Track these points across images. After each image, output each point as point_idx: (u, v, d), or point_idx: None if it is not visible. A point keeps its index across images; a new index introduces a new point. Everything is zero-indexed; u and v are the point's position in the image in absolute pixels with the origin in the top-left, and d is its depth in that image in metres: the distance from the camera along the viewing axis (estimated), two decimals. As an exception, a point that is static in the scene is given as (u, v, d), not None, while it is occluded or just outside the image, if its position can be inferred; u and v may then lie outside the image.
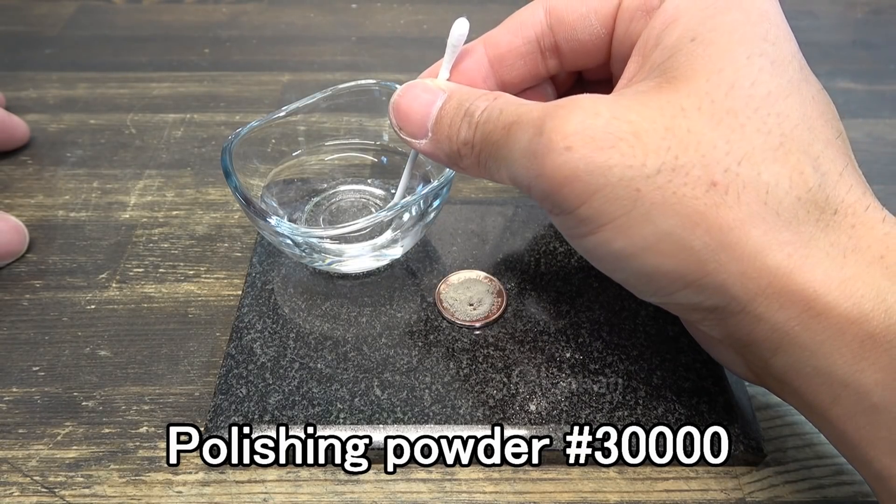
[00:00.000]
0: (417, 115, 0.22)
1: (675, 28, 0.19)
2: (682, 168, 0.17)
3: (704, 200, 0.17)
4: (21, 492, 0.23)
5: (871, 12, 0.51)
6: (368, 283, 0.28)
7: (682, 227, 0.17)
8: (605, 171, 0.17)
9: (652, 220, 0.17)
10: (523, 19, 0.23)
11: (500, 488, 0.23)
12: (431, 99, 0.22)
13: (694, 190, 0.17)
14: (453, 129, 0.21)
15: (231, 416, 0.23)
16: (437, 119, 0.21)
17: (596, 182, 0.17)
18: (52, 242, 0.31)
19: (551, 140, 0.18)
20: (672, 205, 0.17)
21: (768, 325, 0.18)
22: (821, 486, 0.23)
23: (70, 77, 0.42)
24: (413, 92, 0.22)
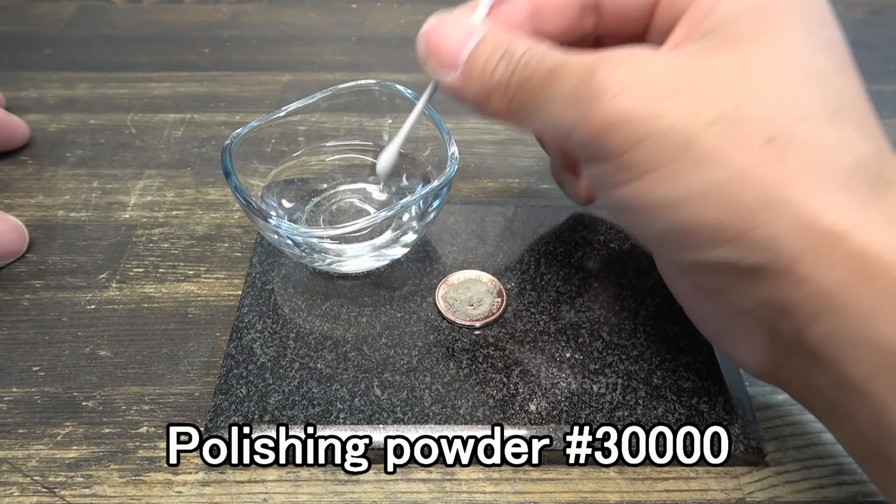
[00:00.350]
0: (450, 46, 0.21)
1: None
2: (740, 120, 0.17)
3: (760, 154, 0.17)
4: (21, 492, 0.23)
5: (871, 12, 0.51)
6: (368, 283, 0.28)
7: (734, 178, 0.17)
8: (658, 117, 0.17)
9: (702, 170, 0.17)
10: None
11: (500, 488, 0.23)
12: (466, 34, 0.21)
13: (750, 143, 0.17)
14: (488, 67, 0.20)
15: (231, 416, 0.23)
16: (471, 54, 0.21)
17: (646, 128, 0.17)
18: (52, 242, 0.31)
19: (602, 84, 0.17)
20: (725, 156, 0.17)
21: (813, 287, 0.17)
22: (821, 486, 0.23)
23: (70, 77, 0.42)
24: (447, 23, 0.21)
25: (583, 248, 0.30)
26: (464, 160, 0.36)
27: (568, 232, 0.30)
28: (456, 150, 0.26)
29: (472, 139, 0.38)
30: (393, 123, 0.32)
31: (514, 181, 0.35)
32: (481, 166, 0.36)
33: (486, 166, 0.36)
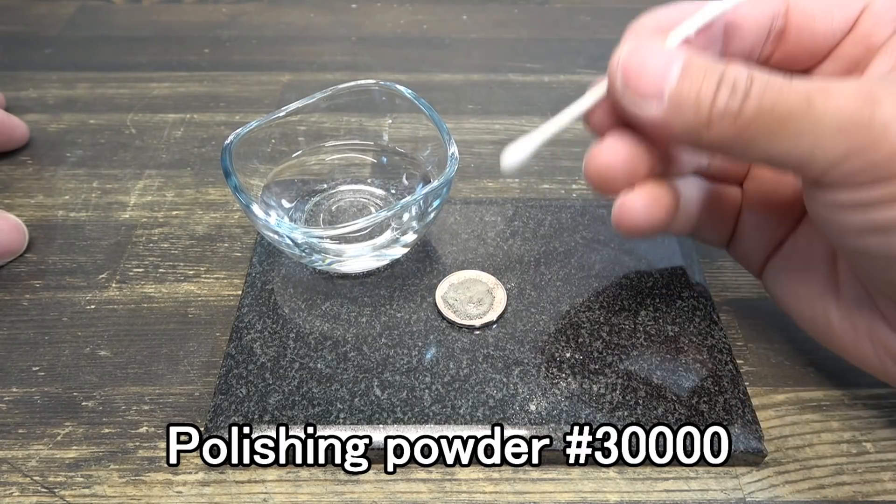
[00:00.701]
0: (653, 74, 0.20)
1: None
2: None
3: None
4: (21, 492, 0.23)
5: None
6: (368, 283, 0.28)
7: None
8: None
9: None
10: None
11: (500, 488, 0.23)
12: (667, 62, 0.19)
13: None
14: (705, 95, 0.19)
15: (231, 416, 0.23)
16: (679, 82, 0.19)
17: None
18: (51, 242, 0.31)
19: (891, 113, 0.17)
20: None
21: None
22: (821, 486, 0.23)
23: (70, 77, 0.42)
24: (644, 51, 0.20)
25: (583, 248, 0.30)
26: (464, 160, 0.36)
27: (568, 232, 0.30)
28: (456, 150, 0.26)
29: (472, 139, 0.38)
30: (393, 123, 0.32)
31: (514, 181, 0.35)
32: (481, 166, 0.36)
33: (486, 166, 0.36)
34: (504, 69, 0.43)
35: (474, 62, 0.44)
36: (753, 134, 0.19)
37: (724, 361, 0.25)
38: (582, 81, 0.42)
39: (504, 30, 0.47)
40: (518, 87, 0.42)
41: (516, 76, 0.43)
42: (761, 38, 0.22)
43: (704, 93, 0.19)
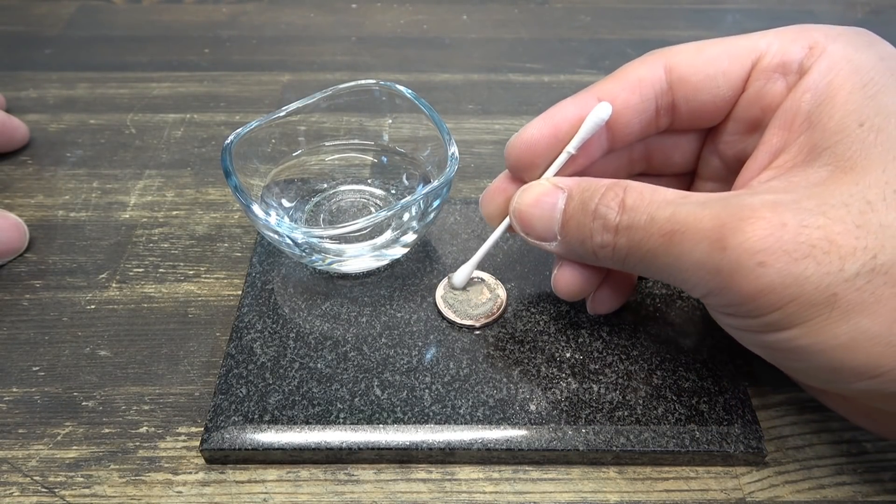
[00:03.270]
0: (540, 220, 0.22)
1: (833, 108, 0.18)
2: (881, 268, 0.17)
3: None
4: (21, 492, 0.23)
5: (871, 12, 0.51)
6: (368, 283, 0.28)
7: (880, 325, 0.17)
8: (802, 281, 0.17)
9: (847, 321, 0.17)
10: (641, 75, 0.22)
11: (500, 488, 0.23)
12: (552, 201, 0.21)
13: (893, 288, 0.17)
14: (584, 232, 0.21)
15: (231, 416, 0.23)
16: (562, 222, 0.21)
17: (791, 292, 0.17)
18: (52, 242, 0.31)
19: (740, 257, 0.17)
20: (870, 305, 0.17)
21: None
22: (821, 487, 0.23)
23: (70, 77, 0.42)
24: (531, 196, 0.22)
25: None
26: (464, 160, 0.36)
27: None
28: (456, 150, 0.26)
29: (472, 139, 0.38)
30: (393, 123, 0.32)
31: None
32: (481, 166, 0.36)
33: (486, 166, 0.36)
34: (504, 69, 0.43)
35: (474, 62, 0.44)
36: (633, 263, 0.20)
37: (724, 361, 0.25)
38: (582, 81, 0.42)
39: (504, 30, 0.47)
40: (518, 87, 0.42)
41: (516, 76, 0.43)
42: (649, 118, 0.22)
43: (585, 233, 0.21)
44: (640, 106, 0.22)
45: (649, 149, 0.25)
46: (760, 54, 0.21)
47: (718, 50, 0.21)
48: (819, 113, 0.19)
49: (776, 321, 0.18)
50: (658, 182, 0.26)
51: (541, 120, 0.22)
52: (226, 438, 0.23)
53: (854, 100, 0.18)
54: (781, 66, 0.20)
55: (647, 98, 0.22)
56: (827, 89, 0.19)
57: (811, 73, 0.19)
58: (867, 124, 0.18)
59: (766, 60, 0.21)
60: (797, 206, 0.17)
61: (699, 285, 0.19)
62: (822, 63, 0.19)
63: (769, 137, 0.20)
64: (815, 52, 0.20)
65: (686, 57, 0.21)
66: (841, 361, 0.18)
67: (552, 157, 0.22)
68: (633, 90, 0.22)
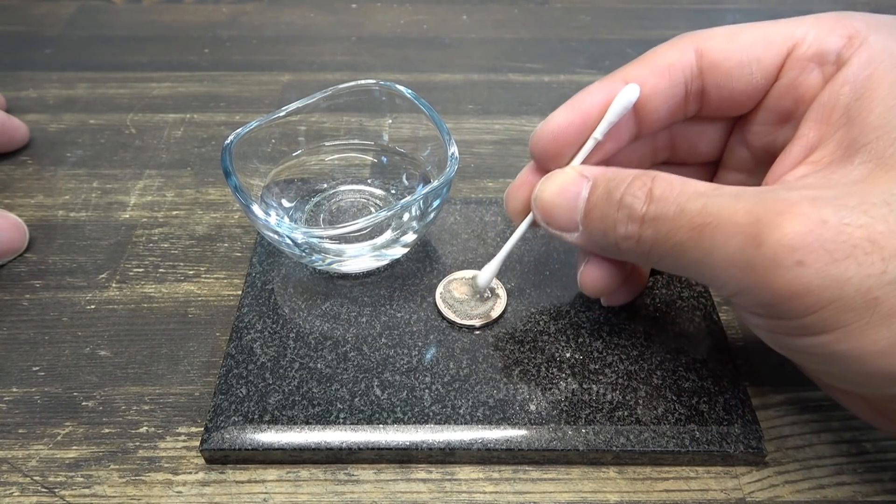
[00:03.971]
0: (563, 210, 0.21)
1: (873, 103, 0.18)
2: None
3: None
4: (21, 492, 0.23)
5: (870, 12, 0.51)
6: (368, 283, 0.28)
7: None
8: (842, 283, 0.16)
9: (890, 326, 0.16)
10: (671, 60, 0.21)
11: (500, 488, 0.23)
12: (576, 190, 0.20)
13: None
14: (607, 223, 0.20)
15: (231, 416, 0.23)
16: (585, 212, 0.20)
17: (831, 295, 0.16)
18: (52, 242, 0.31)
19: (777, 254, 0.16)
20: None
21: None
22: (821, 487, 0.23)
23: (70, 77, 0.42)
24: (555, 184, 0.21)
25: (583, 248, 0.30)
26: (464, 160, 0.36)
27: (568, 232, 0.30)
28: (456, 150, 0.26)
29: (472, 139, 0.38)
30: (393, 123, 0.32)
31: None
32: (481, 166, 0.36)
33: (486, 166, 0.36)
34: (504, 69, 0.43)
35: (474, 62, 0.44)
36: (658, 256, 0.19)
37: (724, 361, 0.25)
38: (582, 81, 0.42)
39: (504, 30, 0.47)
40: (518, 87, 0.42)
41: (516, 76, 0.43)
42: (678, 104, 0.22)
43: (609, 223, 0.20)
44: (669, 91, 0.21)
45: (674, 136, 0.24)
46: (796, 42, 0.20)
47: (753, 36, 0.21)
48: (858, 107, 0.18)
49: (812, 324, 0.17)
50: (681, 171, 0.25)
51: (567, 107, 0.22)
52: (226, 438, 0.23)
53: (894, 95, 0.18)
54: (818, 56, 0.19)
55: (677, 83, 0.21)
56: (867, 82, 0.18)
57: (850, 65, 0.19)
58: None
59: (802, 49, 0.20)
60: (838, 202, 0.16)
61: (729, 283, 0.18)
62: (862, 55, 0.19)
63: (805, 131, 0.19)
64: (854, 42, 0.19)
65: (718, 42, 0.21)
66: (878, 367, 0.17)
67: (579, 145, 0.22)
68: (663, 74, 0.21)
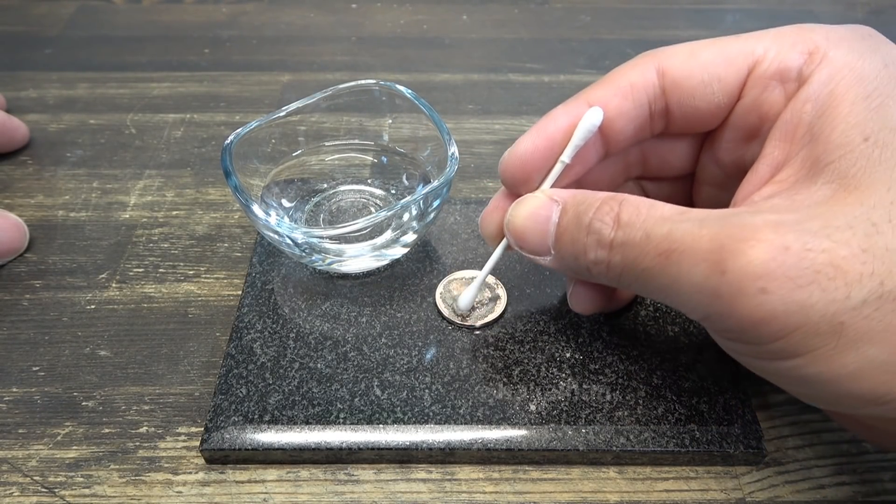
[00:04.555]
0: (534, 234, 0.21)
1: (835, 120, 0.18)
2: (889, 294, 0.16)
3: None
4: (21, 492, 0.23)
5: (871, 12, 0.51)
6: (368, 283, 0.28)
7: (890, 353, 0.16)
8: (807, 308, 0.16)
9: (855, 351, 0.16)
10: (633, 80, 0.21)
11: (500, 488, 0.23)
12: (546, 214, 0.21)
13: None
14: (578, 247, 0.20)
15: (231, 416, 0.23)
16: (556, 236, 0.20)
17: (796, 321, 0.16)
18: (52, 242, 0.31)
19: (741, 282, 0.16)
20: (879, 333, 0.16)
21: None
22: (821, 486, 0.23)
23: (70, 77, 0.42)
24: (525, 209, 0.21)
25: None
26: (464, 160, 0.36)
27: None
28: (456, 150, 0.26)
29: (472, 139, 0.38)
30: (393, 123, 0.32)
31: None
32: (481, 166, 0.36)
33: (486, 166, 0.36)
34: (504, 69, 0.43)
35: (474, 62, 0.44)
36: (628, 281, 0.19)
37: (724, 361, 0.25)
38: (582, 81, 0.42)
39: (504, 30, 0.47)
40: (518, 87, 0.42)
41: (516, 76, 0.43)
42: (643, 123, 0.22)
43: (579, 248, 0.20)
44: (633, 112, 0.21)
45: (645, 153, 0.24)
46: (757, 60, 0.20)
47: (713, 53, 0.21)
48: (821, 125, 0.18)
49: (780, 350, 0.17)
50: (657, 186, 0.26)
51: (533, 132, 0.22)
52: (226, 438, 0.23)
53: (857, 111, 0.18)
54: (779, 73, 0.20)
55: (641, 104, 0.21)
56: (828, 100, 0.18)
57: (811, 83, 0.19)
58: (872, 139, 0.17)
59: (763, 67, 0.20)
60: (800, 227, 0.17)
61: (698, 308, 0.18)
62: (823, 71, 0.19)
63: (770, 149, 0.20)
64: (815, 58, 0.19)
65: (679, 60, 0.21)
66: (848, 390, 0.17)
67: (547, 168, 0.22)
68: (626, 96, 0.21)
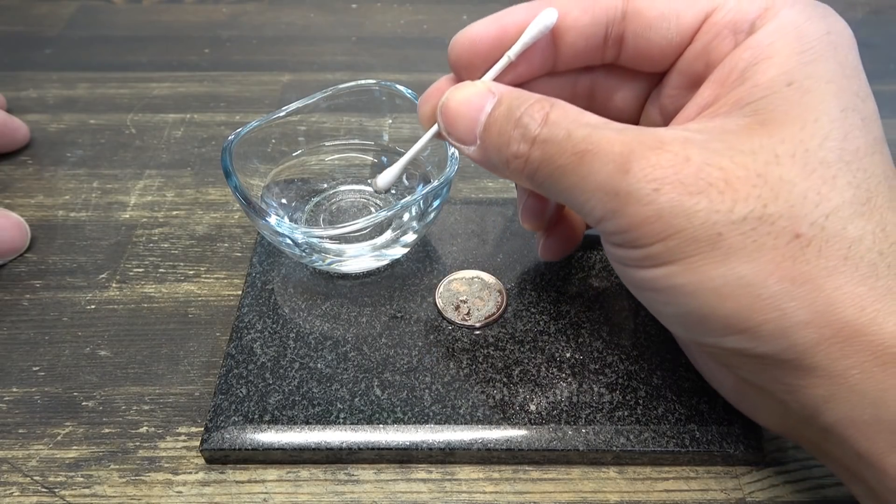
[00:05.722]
0: (465, 120, 0.21)
1: (768, 67, 0.18)
2: (769, 217, 0.17)
3: (784, 251, 0.17)
4: (21, 492, 0.23)
5: (871, 12, 0.51)
6: (368, 283, 0.28)
7: (756, 274, 0.17)
8: (691, 214, 0.17)
9: (725, 264, 0.17)
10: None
11: (500, 488, 0.23)
12: (481, 103, 0.21)
13: (776, 240, 0.17)
14: (503, 139, 0.20)
15: (231, 416, 0.23)
16: (485, 125, 0.21)
17: (678, 223, 0.17)
18: (52, 242, 0.31)
19: (639, 181, 0.17)
20: (751, 252, 0.17)
21: (824, 372, 0.18)
22: (821, 486, 0.23)
23: (70, 77, 0.42)
24: (462, 94, 0.21)
25: (583, 247, 0.30)
26: (464, 160, 0.36)
27: (568, 232, 0.30)
28: (456, 151, 0.26)
29: (472, 139, 0.38)
30: (393, 123, 0.32)
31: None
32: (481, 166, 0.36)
33: (486, 166, 0.36)
34: (504, 69, 0.43)
35: (474, 62, 0.44)
36: (541, 179, 0.20)
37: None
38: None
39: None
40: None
41: (516, 76, 0.43)
42: (596, 44, 0.22)
43: (503, 140, 0.20)
44: (589, 28, 0.22)
45: (595, 86, 0.24)
46: (716, 7, 0.20)
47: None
48: (754, 70, 0.19)
49: (657, 253, 0.18)
50: None
51: (489, 19, 0.22)
52: (226, 438, 0.23)
53: (789, 62, 0.18)
54: (733, 23, 0.20)
55: (599, 22, 0.21)
56: (767, 50, 0.19)
57: (757, 33, 0.19)
58: (795, 85, 0.18)
59: (720, 14, 0.20)
60: (706, 146, 0.18)
61: (597, 207, 0.19)
62: (770, 25, 0.19)
63: (703, 90, 0.20)
64: (768, 13, 0.19)
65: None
66: (711, 307, 0.18)
67: (494, 59, 0.22)
68: (587, 10, 0.21)
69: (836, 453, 0.19)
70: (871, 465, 0.18)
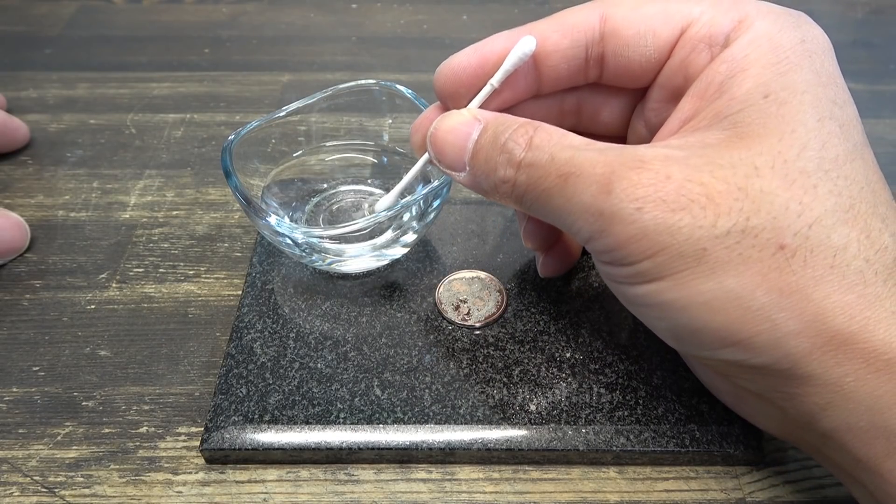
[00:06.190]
0: (453, 149, 0.22)
1: (744, 79, 0.19)
2: (753, 230, 0.17)
3: (770, 263, 0.17)
4: (21, 492, 0.23)
5: (871, 12, 0.51)
6: (368, 283, 0.28)
7: (743, 286, 0.17)
8: (675, 230, 0.17)
9: (712, 279, 0.17)
10: (575, 21, 0.22)
11: (500, 488, 0.23)
12: (467, 131, 0.21)
13: (761, 252, 0.17)
14: (490, 165, 0.21)
15: (231, 416, 0.23)
16: (473, 153, 0.21)
17: (663, 240, 0.18)
18: (52, 242, 0.31)
19: (622, 201, 0.18)
20: (737, 265, 0.17)
21: (819, 381, 0.18)
22: (821, 486, 0.23)
23: (70, 77, 0.42)
24: (448, 123, 0.22)
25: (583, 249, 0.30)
26: (464, 160, 0.36)
27: (568, 232, 0.30)
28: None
29: (472, 139, 0.38)
30: (393, 123, 0.32)
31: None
32: (481, 166, 0.36)
33: (486, 166, 0.36)
34: (504, 69, 0.43)
35: (474, 62, 0.44)
36: (529, 202, 0.20)
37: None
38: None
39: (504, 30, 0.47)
40: (518, 87, 0.42)
41: (516, 76, 0.43)
42: (578, 65, 0.22)
43: (491, 166, 0.21)
44: (569, 51, 0.22)
45: (581, 103, 0.25)
46: (691, 21, 0.21)
47: (655, 9, 0.21)
48: (730, 83, 0.19)
49: (646, 270, 0.18)
50: None
51: (470, 49, 0.23)
52: (226, 438, 0.23)
53: (765, 74, 0.19)
54: (708, 37, 0.20)
55: (578, 44, 0.22)
56: (742, 62, 0.19)
57: (732, 46, 0.19)
58: (772, 97, 0.18)
59: (695, 29, 0.21)
60: (686, 162, 0.18)
61: (584, 228, 0.19)
62: (745, 37, 0.19)
63: (682, 104, 0.20)
64: (742, 26, 0.20)
65: (623, 10, 0.22)
66: (703, 321, 0.18)
67: (478, 87, 0.23)
68: (566, 34, 0.22)
69: (835, 457, 0.19)
70: (869, 470, 0.18)
